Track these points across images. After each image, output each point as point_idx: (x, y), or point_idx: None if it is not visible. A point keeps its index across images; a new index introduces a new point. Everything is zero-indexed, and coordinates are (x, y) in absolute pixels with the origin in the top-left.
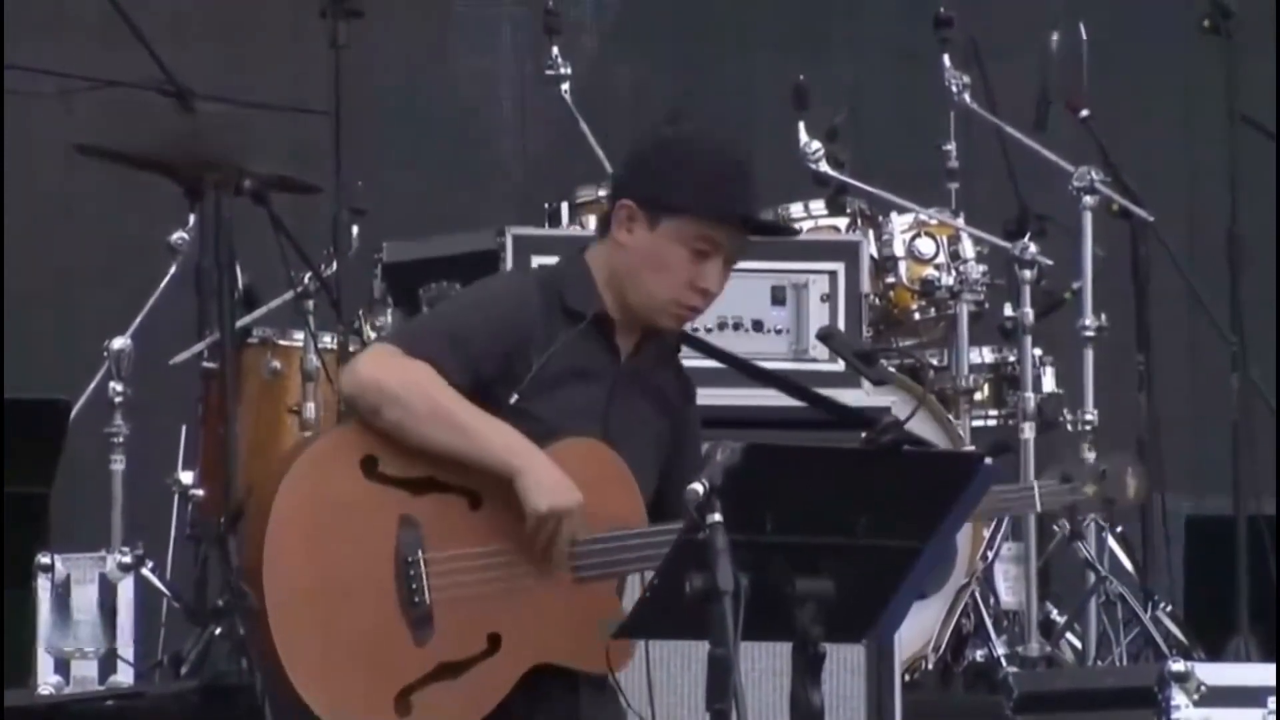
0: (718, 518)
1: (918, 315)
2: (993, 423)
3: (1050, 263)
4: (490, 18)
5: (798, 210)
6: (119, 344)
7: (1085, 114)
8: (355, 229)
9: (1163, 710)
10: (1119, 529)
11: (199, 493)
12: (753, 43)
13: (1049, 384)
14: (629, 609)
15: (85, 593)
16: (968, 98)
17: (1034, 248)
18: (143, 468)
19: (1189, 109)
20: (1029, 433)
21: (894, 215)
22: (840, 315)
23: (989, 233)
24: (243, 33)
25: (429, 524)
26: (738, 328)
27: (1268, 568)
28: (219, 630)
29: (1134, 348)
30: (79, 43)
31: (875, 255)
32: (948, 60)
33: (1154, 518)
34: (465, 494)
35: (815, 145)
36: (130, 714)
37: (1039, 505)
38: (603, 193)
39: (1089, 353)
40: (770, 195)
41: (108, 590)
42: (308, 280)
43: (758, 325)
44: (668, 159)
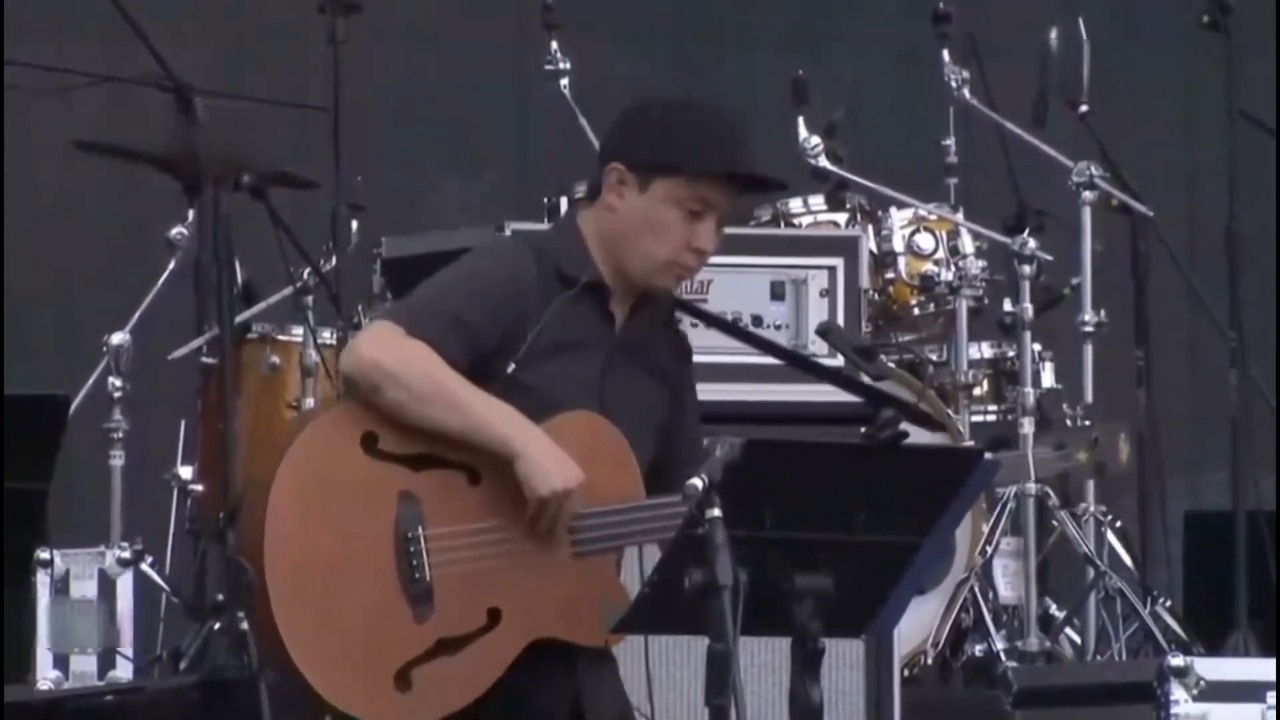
0: (717, 513)
1: (917, 310)
2: (992, 418)
3: (1049, 258)
4: (488, 13)
5: (797, 205)
6: (118, 339)
7: (1084, 110)
8: (354, 224)
9: (1162, 705)
10: (1118, 524)
11: (198, 488)
12: (753, 42)
13: (1048, 379)
14: (626, 583)
15: (84, 588)
16: (967, 93)
17: (1033, 243)
18: (142, 463)
19: (1189, 107)
20: (1028, 428)
21: (893, 210)
22: (839, 310)
23: (988, 228)
24: (241, 29)
25: (428, 500)
26: (737, 323)
27: (1267, 563)
28: (218, 625)
29: (1133, 343)
30: (78, 39)
31: (874, 250)
32: (947, 56)
33: (1153, 512)
34: (464, 469)
35: (814, 141)
36: (129, 709)
37: (1033, 473)
38: None
39: (1088, 348)
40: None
41: (107, 586)
42: (307, 276)
43: (757, 320)
44: (657, 121)
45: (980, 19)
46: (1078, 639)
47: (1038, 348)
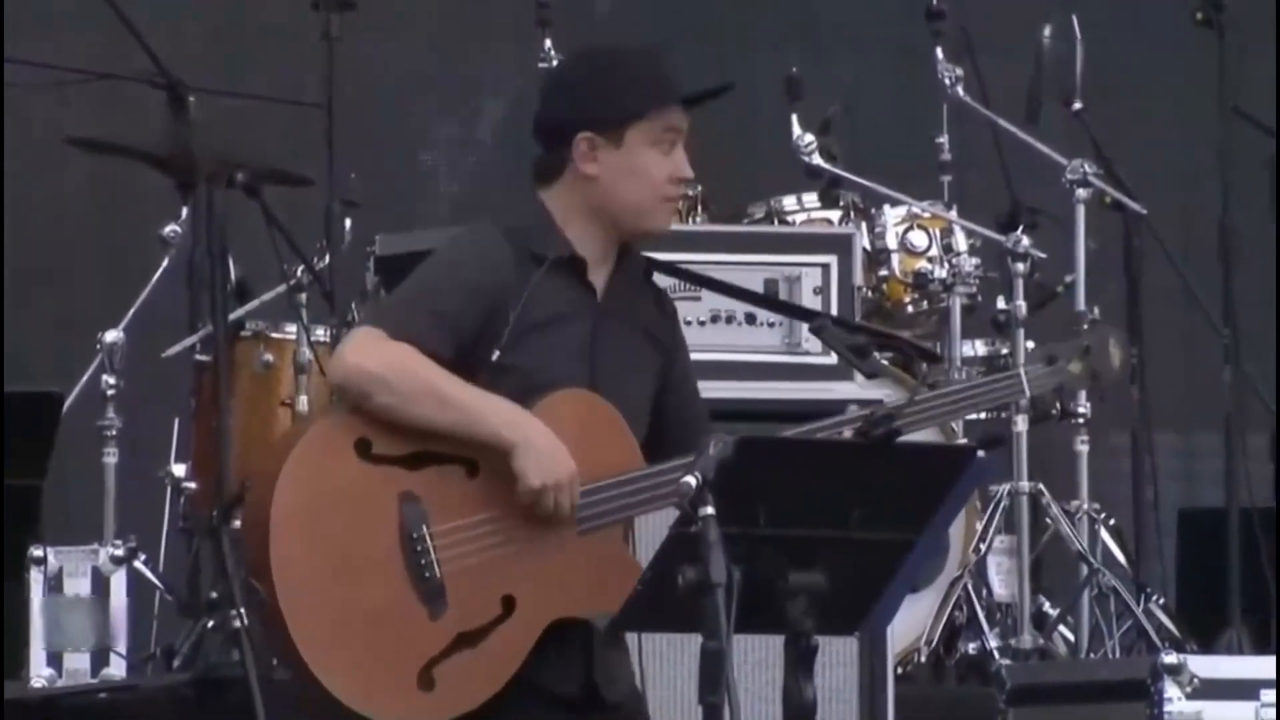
0: (710, 510)
1: (910, 308)
2: (985, 415)
3: (1043, 256)
4: (482, 10)
5: (791, 203)
6: (112, 337)
7: (1078, 107)
8: (348, 221)
9: (1155, 702)
10: (1111, 521)
11: (192, 485)
12: (752, 42)
13: None
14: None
15: (78, 586)
16: (960, 90)
17: (1027, 240)
18: (135, 461)
19: (1184, 105)
20: (1021, 425)
21: (887, 208)
22: (833, 308)
23: (982, 225)
24: (236, 26)
25: (430, 497)
26: (730, 320)
27: (1260, 560)
28: (211, 623)
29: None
30: (72, 36)
31: (868, 248)
32: (940, 53)
33: (1146, 510)
34: (461, 462)
35: (809, 138)
36: (123, 706)
37: (1027, 390)
38: None
39: None
40: (766, 188)
41: (100, 583)
42: (300, 273)
43: (750, 318)
44: (599, 79)
45: (975, 16)
46: (1071, 636)
47: (1031, 345)
